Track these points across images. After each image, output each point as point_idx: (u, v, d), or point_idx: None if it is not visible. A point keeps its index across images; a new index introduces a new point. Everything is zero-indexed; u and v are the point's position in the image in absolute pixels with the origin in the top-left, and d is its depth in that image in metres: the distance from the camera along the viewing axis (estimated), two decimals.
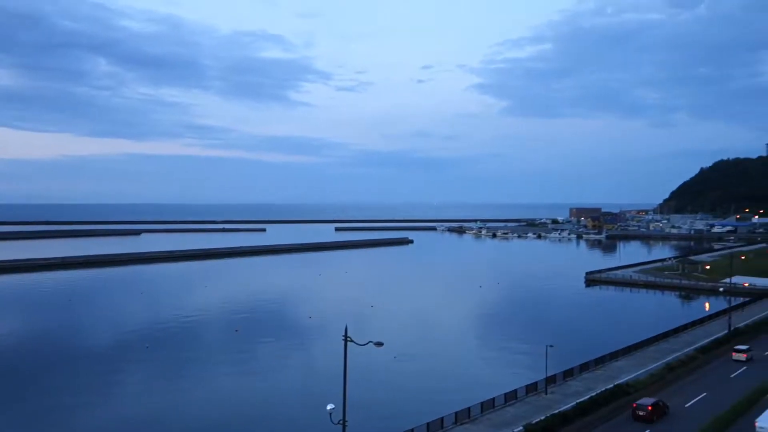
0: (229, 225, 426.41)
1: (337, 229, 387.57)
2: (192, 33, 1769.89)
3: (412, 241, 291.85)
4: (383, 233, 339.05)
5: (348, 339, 37.07)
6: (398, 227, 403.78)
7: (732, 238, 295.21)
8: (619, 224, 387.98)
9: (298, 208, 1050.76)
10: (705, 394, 55.48)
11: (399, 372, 69.26)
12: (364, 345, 39.12)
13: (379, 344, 38.46)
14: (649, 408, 49.29)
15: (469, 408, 49.20)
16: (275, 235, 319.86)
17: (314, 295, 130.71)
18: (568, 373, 59.87)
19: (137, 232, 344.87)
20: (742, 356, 68.03)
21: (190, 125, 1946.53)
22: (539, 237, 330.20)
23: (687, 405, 52.64)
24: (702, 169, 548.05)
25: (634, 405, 50.49)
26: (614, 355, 67.05)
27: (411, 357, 75.47)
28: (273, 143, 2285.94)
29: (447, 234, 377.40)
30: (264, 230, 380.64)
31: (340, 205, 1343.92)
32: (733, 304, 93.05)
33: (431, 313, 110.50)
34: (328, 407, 34.54)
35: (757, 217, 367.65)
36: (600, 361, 64.68)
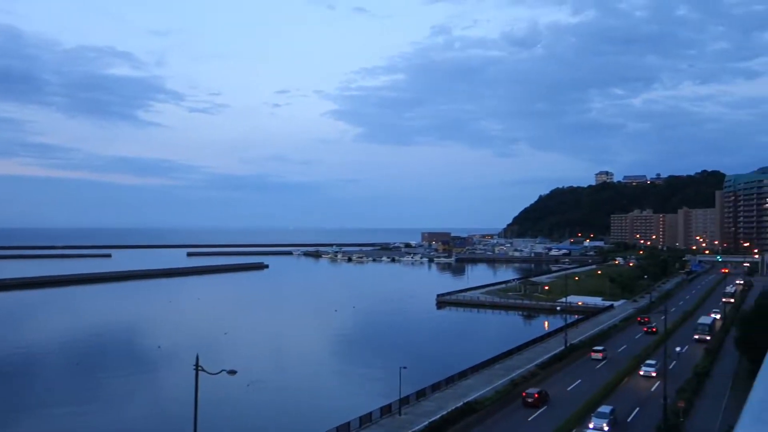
0: (70, 251, 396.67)
1: (189, 254, 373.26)
2: (31, 45, 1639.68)
3: (267, 266, 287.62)
4: (238, 258, 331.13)
5: (199, 368, 35.80)
6: (254, 252, 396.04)
7: (567, 260, 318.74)
8: (467, 248, 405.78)
9: (147, 232, 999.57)
10: (545, 407, 59.14)
11: (254, 400, 67.70)
12: (217, 374, 37.93)
13: (233, 372, 37.47)
14: (536, 396, 59.96)
15: None
16: (122, 261, 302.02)
17: (164, 323, 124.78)
18: (421, 394, 61.46)
19: None
20: (599, 355, 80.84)
21: (26, 143, 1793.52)
22: (393, 260, 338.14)
23: (530, 419, 55.84)
24: (541, 196, 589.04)
25: (524, 394, 60.61)
26: (463, 374, 69.76)
27: (266, 384, 74.09)
28: (121, 164, 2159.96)
29: (303, 258, 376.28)
30: (109, 256, 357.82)
31: (193, 229, 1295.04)
32: (569, 321, 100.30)
33: (287, 338, 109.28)
34: None
35: (588, 241, 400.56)
36: (450, 380, 67.00)
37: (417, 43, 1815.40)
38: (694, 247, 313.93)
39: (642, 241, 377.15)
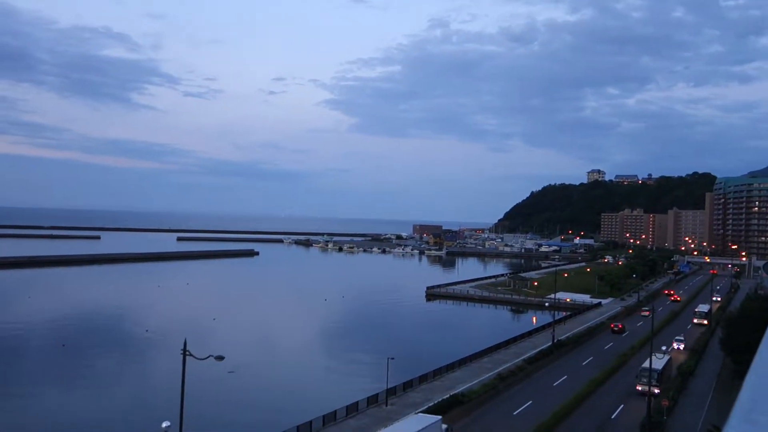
0: (58, 231, 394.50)
1: (179, 239, 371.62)
2: (25, 23, 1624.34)
3: (258, 253, 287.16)
4: (228, 244, 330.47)
5: (187, 353, 35.72)
6: (244, 239, 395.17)
7: (557, 257, 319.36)
8: (458, 241, 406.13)
9: (137, 215, 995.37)
10: (531, 402, 59.50)
11: (240, 386, 67.67)
12: (204, 359, 37.87)
13: (220, 358, 37.46)
14: (620, 326, 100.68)
15: (311, 421, 49.12)
16: (111, 244, 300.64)
17: (152, 307, 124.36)
18: (408, 385, 61.63)
19: None
20: (646, 313, 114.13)
21: (18, 121, 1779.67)
22: (384, 252, 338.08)
23: (515, 413, 56.15)
24: (533, 192, 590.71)
25: (612, 325, 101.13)
26: (451, 367, 70.00)
27: (253, 370, 74.09)
28: (112, 146, 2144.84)
29: (294, 247, 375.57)
30: (98, 238, 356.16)
31: (183, 214, 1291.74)
32: (557, 317, 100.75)
33: (275, 326, 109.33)
34: (164, 425, 33.05)
35: (578, 238, 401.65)
36: (438, 372, 67.22)
37: (414, 35, 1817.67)
38: (683, 248, 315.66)
39: (632, 240, 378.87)
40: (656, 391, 60.33)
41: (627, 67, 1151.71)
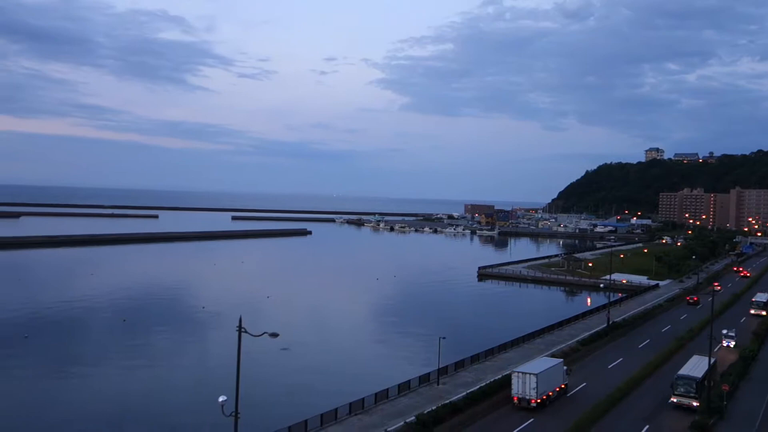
0: (119, 210, 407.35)
1: (233, 218, 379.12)
2: (85, 8, 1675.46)
3: (310, 233, 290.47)
4: (281, 224, 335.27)
5: (242, 330, 36.29)
6: (297, 218, 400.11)
7: (612, 237, 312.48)
8: (510, 221, 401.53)
9: (193, 195, 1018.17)
10: (585, 383, 58.61)
11: (294, 363, 68.75)
12: (259, 336, 38.43)
13: (275, 335, 37.89)
14: (695, 298, 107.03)
15: (363, 399, 49.54)
16: (168, 223, 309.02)
17: (209, 284, 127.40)
18: (460, 365, 61.50)
19: (16, 215, 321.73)
20: (718, 287, 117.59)
21: (79, 104, 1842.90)
22: (435, 231, 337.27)
23: (569, 394, 55.39)
24: (587, 171, 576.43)
25: (687, 298, 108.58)
26: (503, 347, 69.50)
27: (306, 348, 75.12)
28: (168, 128, 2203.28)
29: (345, 226, 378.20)
30: (156, 217, 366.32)
31: (237, 193, 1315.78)
32: (612, 299, 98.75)
33: (328, 304, 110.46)
34: (220, 399, 33.68)
35: (635, 218, 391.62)
36: (490, 352, 66.84)
37: (467, 12, 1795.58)
38: (746, 229, 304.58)
39: (691, 221, 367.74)
40: (695, 404, 50.90)
41: (688, 42, 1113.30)
